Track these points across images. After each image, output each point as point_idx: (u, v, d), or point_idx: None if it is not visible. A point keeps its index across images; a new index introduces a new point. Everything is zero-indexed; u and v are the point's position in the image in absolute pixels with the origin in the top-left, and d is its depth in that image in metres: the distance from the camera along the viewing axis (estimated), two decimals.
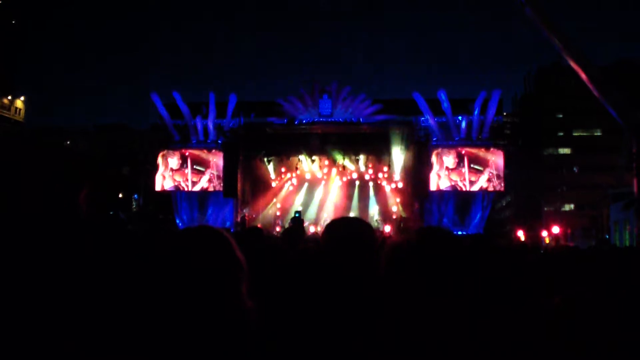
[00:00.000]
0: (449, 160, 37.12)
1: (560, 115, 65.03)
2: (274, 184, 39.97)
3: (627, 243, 47.70)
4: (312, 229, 36.86)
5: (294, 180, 40.09)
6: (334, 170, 39.67)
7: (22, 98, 75.53)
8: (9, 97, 73.18)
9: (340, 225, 3.70)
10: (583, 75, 31.01)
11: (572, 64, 31.44)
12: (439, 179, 37.17)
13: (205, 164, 38.27)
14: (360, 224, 3.68)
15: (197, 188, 38.39)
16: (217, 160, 38.17)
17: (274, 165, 39.68)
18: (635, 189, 42.32)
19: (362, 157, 38.99)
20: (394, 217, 38.08)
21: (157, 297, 2.57)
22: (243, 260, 2.81)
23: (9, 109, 73.11)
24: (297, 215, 33.92)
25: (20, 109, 74.95)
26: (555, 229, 46.30)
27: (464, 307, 2.75)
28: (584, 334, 2.54)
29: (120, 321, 2.38)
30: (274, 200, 39.97)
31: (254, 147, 38.27)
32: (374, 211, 39.23)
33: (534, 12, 31.02)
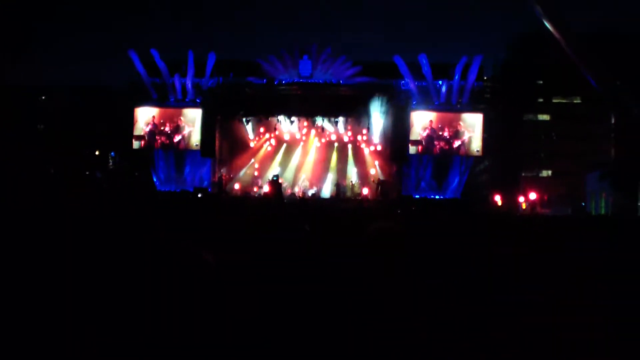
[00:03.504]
0: (428, 124, 37.08)
1: (540, 82, 65.09)
2: (252, 144, 39.73)
3: (603, 211, 48.19)
4: (290, 191, 36.90)
5: (273, 141, 39.83)
6: (313, 131, 39.48)
7: None
8: None
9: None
10: (563, 43, 30.94)
11: (553, 31, 31.34)
12: (418, 142, 37.15)
13: (183, 122, 37.90)
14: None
15: (174, 146, 38.06)
16: (195, 118, 37.83)
17: (253, 125, 39.38)
18: (612, 158, 42.68)
19: (341, 119, 38.82)
20: (372, 180, 38.09)
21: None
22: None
23: None
24: (275, 178, 33.79)
25: None
26: (532, 195, 46.57)
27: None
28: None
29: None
30: (252, 160, 39.74)
31: (232, 106, 37.90)
32: (352, 173, 39.17)
33: None
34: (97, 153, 54.31)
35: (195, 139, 37.74)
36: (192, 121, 37.87)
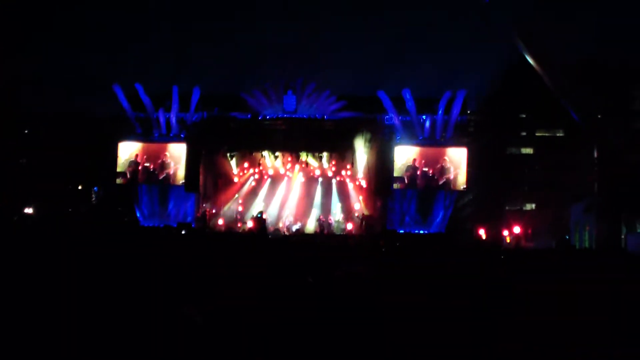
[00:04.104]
0: (412, 159, 37.16)
1: (524, 115, 65.46)
2: (236, 179, 39.67)
3: (587, 244, 48.18)
4: (274, 227, 36.70)
5: (257, 176, 39.76)
6: (297, 166, 39.48)
7: None
8: None
9: None
10: (545, 76, 31.24)
11: (535, 65, 31.66)
12: (402, 177, 37.19)
13: (167, 157, 37.79)
14: None
15: (157, 181, 37.92)
16: (179, 154, 37.75)
17: (237, 160, 39.38)
18: (595, 190, 42.80)
19: (325, 154, 38.90)
20: (357, 215, 38.02)
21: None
22: None
23: None
24: (259, 215, 33.69)
25: None
26: (517, 229, 46.59)
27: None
28: None
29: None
30: (236, 195, 39.63)
31: (217, 141, 37.93)
32: (336, 209, 39.08)
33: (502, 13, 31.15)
34: (79, 187, 53.95)
35: (179, 174, 37.63)
36: (176, 156, 37.79)
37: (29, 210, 48.05)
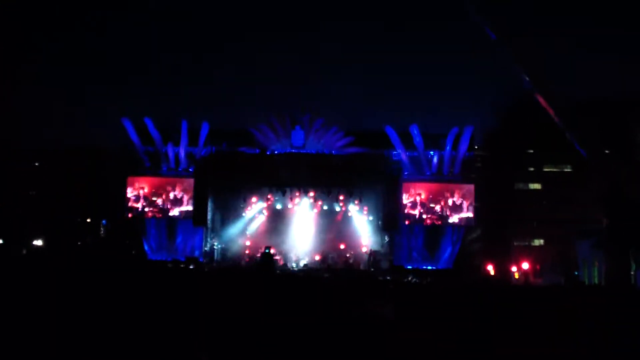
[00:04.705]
0: (420, 194, 37.22)
1: (531, 151, 65.42)
2: (244, 214, 39.56)
3: (596, 280, 47.88)
4: (282, 262, 36.54)
5: (265, 211, 39.72)
6: (305, 201, 39.44)
7: None
8: None
9: None
10: (551, 112, 31.29)
11: (541, 101, 31.73)
12: (409, 213, 37.22)
13: (175, 192, 37.94)
14: None
15: (166, 215, 38.03)
16: (187, 188, 37.90)
17: (245, 195, 39.39)
18: (604, 226, 42.57)
19: (333, 190, 38.87)
20: (364, 250, 37.93)
21: None
22: None
23: None
24: (267, 250, 33.62)
25: None
26: (525, 265, 46.48)
27: None
28: None
29: None
30: (244, 230, 39.55)
31: (225, 176, 37.99)
32: (344, 244, 38.94)
33: (507, 49, 31.28)
34: (88, 220, 54.18)
35: (187, 208, 37.73)
36: (184, 190, 37.93)
37: (38, 242, 48.31)
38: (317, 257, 37.93)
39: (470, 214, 37.51)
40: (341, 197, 38.99)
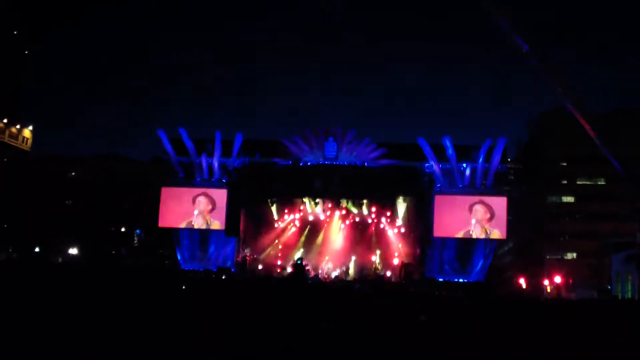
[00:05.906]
0: (452, 207, 37.12)
1: (564, 164, 64.93)
2: (276, 225, 39.80)
3: (629, 294, 47.31)
4: (314, 273, 36.68)
5: (297, 222, 39.94)
6: (337, 213, 39.59)
7: (30, 128, 76.03)
8: (17, 127, 73.54)
9: None
10: (585, 124, 31.08)
11: (577, 115, 31.52)
12: (442, 225, 37.13)
13: (209, 202, 38.25)
14: None
15: (199, 226, 38.33)
16: (220, 199, 38.19)
17: (277, 206, 39.67)
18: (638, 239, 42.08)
19: (365, 201, 39.00)
20: (396, 262, 37.93)
21: None
22: None
23: (17, 138, 73.46)
24: (298, 261, 33.83)
25: (27, 139, 75.27)
26: (557, 279, 46.09)
27: None
28: None
29: None
30: (276, 241, 39.78)
31: (258, 187, 38.30)
32: (375, 255, 39.02)
33: (539, 62, 31.18)
34: (122, 230, 54.80)
35: (220, 219, 38.02)
36: (217, 201, 38.21)
37: (73, 251, 49.02)
38: (349, 269, 38.07)
39: (503, 227, 37.27)
40: (373, 209, 39.09)
